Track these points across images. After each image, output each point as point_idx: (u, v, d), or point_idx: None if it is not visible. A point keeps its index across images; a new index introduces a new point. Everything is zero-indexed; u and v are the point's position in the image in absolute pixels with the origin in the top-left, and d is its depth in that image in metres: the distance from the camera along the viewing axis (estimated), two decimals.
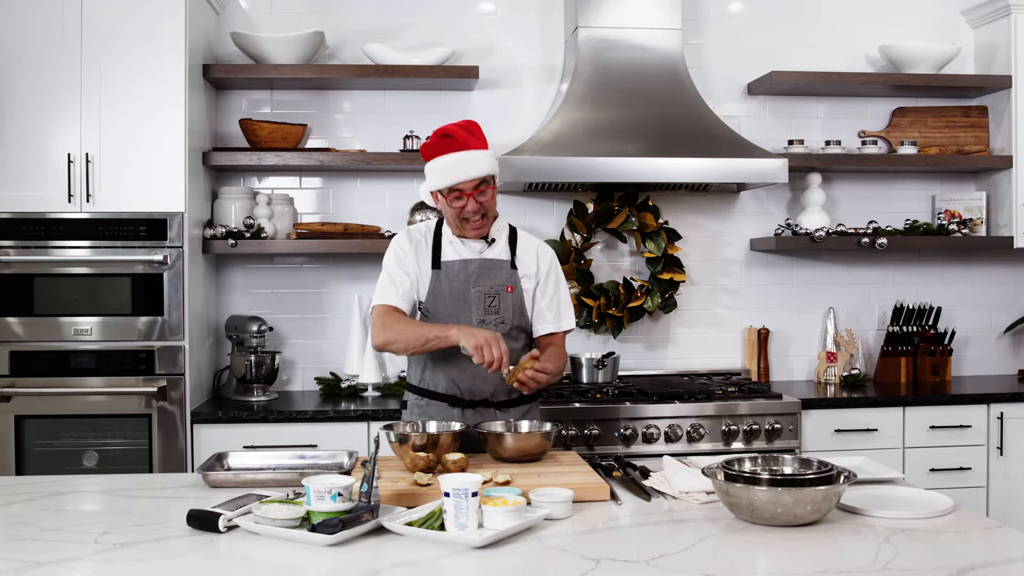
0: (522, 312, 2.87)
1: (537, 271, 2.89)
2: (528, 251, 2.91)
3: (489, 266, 2.85)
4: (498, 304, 2.83)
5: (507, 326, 2.83)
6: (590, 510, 2.20)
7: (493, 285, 2.83)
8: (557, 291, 2.92)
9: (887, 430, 3.90)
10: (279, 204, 4.17)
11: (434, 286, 2.84)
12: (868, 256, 4.55)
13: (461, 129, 2.77)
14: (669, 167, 3.83)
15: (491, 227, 2.87)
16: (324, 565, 1.84)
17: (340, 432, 3.65)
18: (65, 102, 3.63)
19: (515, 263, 2.87)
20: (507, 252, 2.88)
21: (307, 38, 4.02)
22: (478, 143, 2.78)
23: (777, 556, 1.89)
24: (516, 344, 2.87)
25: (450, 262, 2.85)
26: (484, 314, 2.82)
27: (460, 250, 2.86)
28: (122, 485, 2.50)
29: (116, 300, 3.64)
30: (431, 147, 2.79)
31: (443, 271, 2.84)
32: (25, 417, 3.61)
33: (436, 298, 2.84)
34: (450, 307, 2.83)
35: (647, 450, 3.66)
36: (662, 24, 4.11)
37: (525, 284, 2.87)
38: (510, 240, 2.91)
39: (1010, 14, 4.29)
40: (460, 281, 2.83)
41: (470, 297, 2.82)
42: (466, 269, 2.84)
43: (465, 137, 2.76)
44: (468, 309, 2.82)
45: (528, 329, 2.91)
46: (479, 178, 2.75)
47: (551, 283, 2.91)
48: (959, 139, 4.50)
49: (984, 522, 2.11)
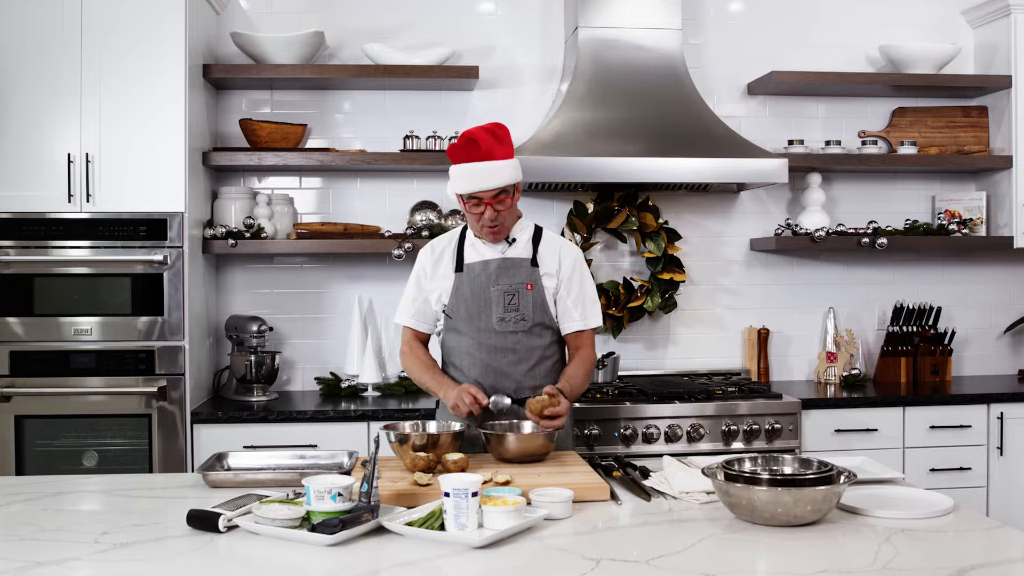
0: (544, 309, 2.88)
1: (559, 269, 2.90)
2: (551, 250, 2.92)
3: (509, 264, 2.87)
4: (518, 301, 2.85)
5: (528, 323, 2.85)
6: (590, 510, 2.20)
7: (512, 283, 2.85)
8: (583, 289, 2.93)
9: (887, 430, 3.90)
10: (279, 204, 4.17)
11: (457, 288, 2.88)
12: (868, 256, 4.55)
13: (488, 135, 2.77)
14: (669, 167, 3.83)
15: (511, 230, 2.89)
16: (324, 565, 1.84)
17: (340, 432, 3.65)
18: (65, 102, 3.63)
19: (536, 260, 2.88)
20: (529, 250, 2.90)
21: (307, 38, 4.02)
22: (503, 151, 2.78)
23: (777, 556, 1.89)
24: (540, 341, 2.89)
25: (472, 264, 2.89)
26: (504, 312, 2.84)
27: (482, 251, 2.89)
28: (122, 485, 2.50)
29: (116, 300, 3.64)
30: (457, 150, 2.79)
31: (465, 273, 2.88)
32: (25, 417, 3.61)
33: (459, 299, 2.87)
34: (471, 308, 2.86)
35: (647, 450, 3.66)
36: (662, 24, 4.11)
37: (546, 282, 2.88)
38: (534, 239, 2.92)
39: (1010, 14, 4.29)
40: (481, 281, 2.86)
41: (490, 296, 2.85)
42: (487, 269, 2.87)
43: (490, 145, 2.76)
44: (489, 308, 2.85)
45: (552, 326, 2.92)
46: (497, 188, 2.76)
47: (576, 281, 2.92)
48: (959, 139, 4.50)
49: (984, 522, 2.11)
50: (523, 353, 2.85)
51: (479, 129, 2.79)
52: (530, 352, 2.86)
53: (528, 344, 2.86)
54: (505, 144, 2.80)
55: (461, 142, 2.79)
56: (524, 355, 2.86)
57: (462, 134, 2.81)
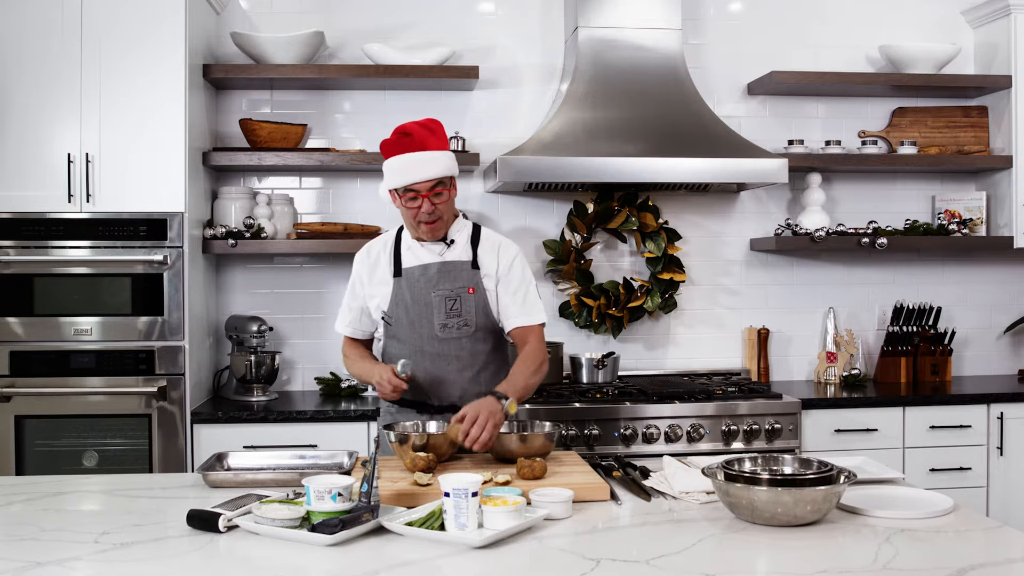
0: (486, 312, 2.82)
1: (497, 268, 2.83)
2: (489, 250, 2.85)
3: (449, 268, 2.80)
4: (459, 307, 2.79)
5: (471, 328, 2.80)
6: (590, 510, 2.20)
7: (454, 287, 2.79)
8: (522, 285, 2.84)
9: (887, 430, 3.90)
10: (279, 204, 4.17)
11: (396, 294, 2.82)
12: (868, 256, 4.55)
13: (421, 128, 2.73)
14: (669, 167, 3.83)
15: (449, 228, 2.83)
16: (324, 565, 1.84)
17: (340, 432, 3.65)
18: (65, 102, 3.63)
19: (476, 263, 2.82)
20: (468, 252, 2.83)
21: (307, 38, 4.02)
22: (438, 143, 2.73)
23: (777, 556, 1.89)
24: (484, 346, 2.84)
25: (410, 268, 2.82)
26: (446, 318, 2.78)
27: (419, 255, 2.83)
28: (122, 485, 2.50)
29: (116, 300, 3.64)
30: (390, 144, 2.75)
31: (404, 278, 2.82)
32: (25, 417, 3.61)
33: (398, 306, 2.82)
34: (412, 314, 2.80)
35: (647, 450, 3.66)
36: (662, 24, 4.11)
37: (487, 283, 2.82)
38: (472, 240, 2.86)
39: (1010, 14, 4.29)
40: (421, 286, 2.80)
41: (431, 301, 2.79)
42: (426, 274, 2.80)
43: (424, 136, 2.71)
44: (430, 314, 2.79)
45: (495, 329, 2.86)
46: (435, 179, 2.71)
47: (514, 277, 2.83)
48: (959, 139, 4.50)
49: (984, 522, 2.11)
50: (467, 360, 2.80)
51: (412, 123, 2.76)
52: (474, 358, 2.81)
53: (472, 349, 2.81)
54: (439, 136, 2.75)
55: (394, 137, 2.75)
56: (468, 361, 2.80)
57: (395, 129, 2.77)
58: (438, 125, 2.78)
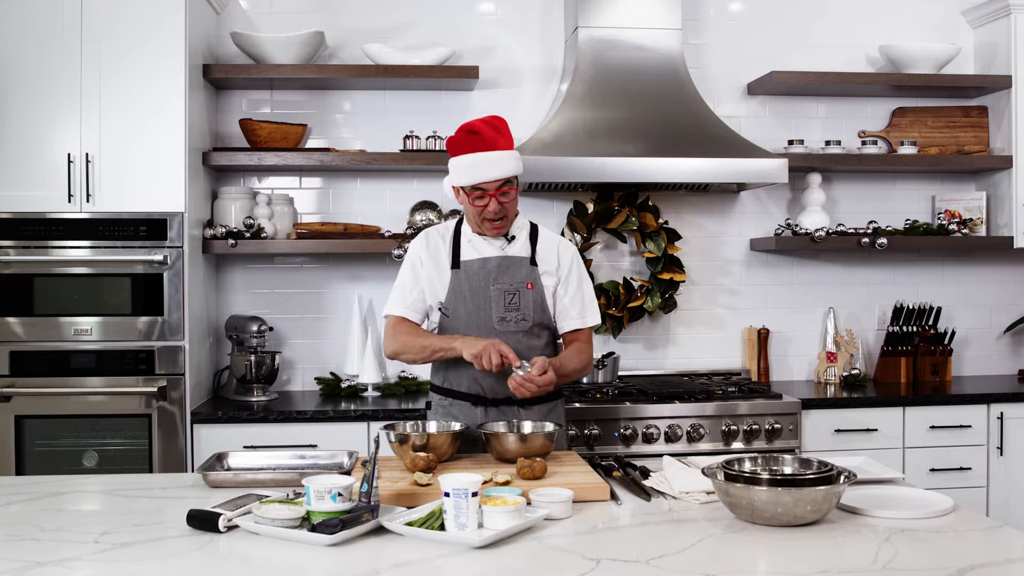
0: (543, 308, 2.85)
1: (558, 267, 2.87)
2: (549, 248, 2.89)
3: (509, 263, 2.83)
4: (518, 301, 2.81)
5: (528, 323, 2.82)
6: (590, 510, 2.20)
7: (513, 282, 2.82)
8: (580, 287, 2.90)
9: (887, 430, 3.90)
10: (279, 204, 4.17)
11: (454, 285, 2.83)
12: (868, 256, 4.55)
13: (488, 127, 2.75)
14: (669, 167, 3.83)
15: (512, 225, 2.86)
16: (324, 565, 1.84)
17: (340, 432, 3.65)
18: (65, 102, 3.63)
19: (535, 259, 2.85)
20: (527, 249, 2.87)
21: (307, 38, 4.02)
22: (505, 143, 2.77)
23: (777, 556, 1.89)
24: (538, 341, 2.87)
25: (469, 261, 2.84)
26: (504, 311, 2.81)
27: (480, 248, 2.85)
28: (122, 485, 2.50)
29: (116, 300, 3.64)
30: (457, 142, 2.77)
31: (463, 270, 2.83)
32: (25, 417, 3.61)
33: (456, 297, 2.83)
34: (470, 306, 2.82)
35: (647, 450, 3.66)
36: (662, 24, 4.11)
37: (546, 280, 2.85)
38: (531, 237, 2.89)
39: (1010, 14, 4.29)
40: (480, 279, 2.82)
41: (490, 295, 2.81)
42: (485, 267, 2.82)
43: (492, 136, 2.74)
44: (488, 307, 2.81)
45: (550, 326, 2.89)
46: (503, 179, 2.74)
47: (573, 279, 2.89)
48: (959, 139, 4.50)
49: (984, 522, 2.11)
50: (522, 353, 2.81)
51: (478, 121, 2.77)
52: (529, 352, 2.82)
53: (527, 344, 2.83)
54: (506, 136, 2.78)
55: (461, 134, 2.76)
56: (523, 356, 2.81)
57: (461, 126, 2.79)
58: (503, 123, 2.80)
